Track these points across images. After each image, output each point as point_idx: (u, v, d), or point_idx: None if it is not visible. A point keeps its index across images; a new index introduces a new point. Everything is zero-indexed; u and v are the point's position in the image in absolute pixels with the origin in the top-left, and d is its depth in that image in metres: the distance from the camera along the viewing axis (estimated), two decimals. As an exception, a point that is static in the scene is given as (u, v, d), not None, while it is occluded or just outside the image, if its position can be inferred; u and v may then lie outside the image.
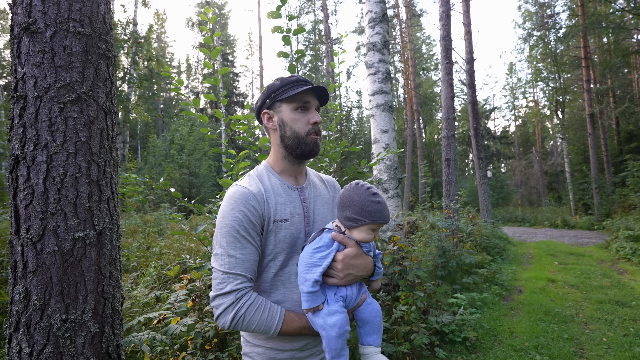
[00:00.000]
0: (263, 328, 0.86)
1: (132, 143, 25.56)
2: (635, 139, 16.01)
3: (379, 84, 3.68)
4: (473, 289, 4.73)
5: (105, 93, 1.50)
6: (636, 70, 19.27)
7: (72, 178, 1.35)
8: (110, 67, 1.55)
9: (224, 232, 0.87)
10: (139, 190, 2.65)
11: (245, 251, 0.87)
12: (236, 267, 0.86)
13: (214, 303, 0.86)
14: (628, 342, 3.16)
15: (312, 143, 0.98)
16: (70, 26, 1.38)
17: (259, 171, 1.02)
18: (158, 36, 32.52)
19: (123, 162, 11.26)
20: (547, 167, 24.89)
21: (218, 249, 0.88)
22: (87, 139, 1.40)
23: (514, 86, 28.30)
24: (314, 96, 1.00)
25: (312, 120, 0.98)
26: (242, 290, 0.86)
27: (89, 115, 1.41)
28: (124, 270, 3.72)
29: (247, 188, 0.92)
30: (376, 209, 0.87)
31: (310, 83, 1.00)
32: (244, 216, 0.88)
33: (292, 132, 0.97)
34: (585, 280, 5.38)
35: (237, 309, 0.84)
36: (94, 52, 1.45)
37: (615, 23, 14.45)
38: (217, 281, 0.87)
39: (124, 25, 11.27)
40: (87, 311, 1.34)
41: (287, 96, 0.96)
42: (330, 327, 0.83)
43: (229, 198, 0.91)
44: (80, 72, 1.39)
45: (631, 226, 8.23)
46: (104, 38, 1.50)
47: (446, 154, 7.66)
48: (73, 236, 1.33)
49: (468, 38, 10.65)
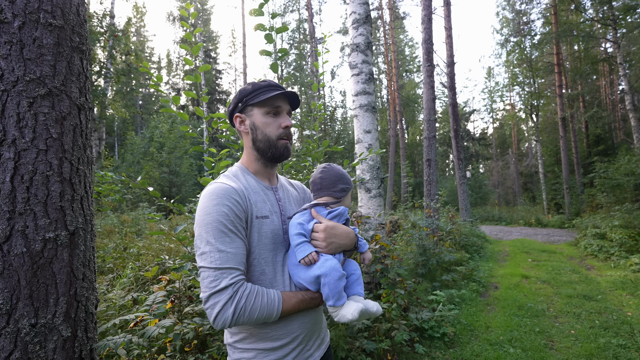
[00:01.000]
0: (265, 313, 0.86)
1: (108, 140, 24.62)
2: (602, 142, 16.97)
3: (362, 85, 3.72)
4: (452, 286, 4.88)
5: (79, 88, 1.44)
6: (604, 77, 20.41)
7: (43, 176, 1.29)
8: (85, 61, 1.49)
9: (210, 228, 0.85)
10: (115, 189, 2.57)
11: (235, 245, 0.86)
12: (229, 262, 0.84)
13: (210, 303, 0.82)
14: (594, 333, 3.35)
15: (283, 147, 1.02)
16: (40, 17, 1.31)
17: (233, 172, 1.03)
18: (137, 30, 31.47)
19: (99, 160, 10.83)
20: (522, 168, 25.94)
21: (205, 246, 0.85)
22: (59, 136, 1.34)
23: (492, 90, 29.29)
24: (286, 101, 1.03)
25: (283, 124, 1.01)
26: (237, 283, 0.84)
27: (61, 111, 1.36)
28: (99, 272, 3.58)
29: (228, 184, 0.92)
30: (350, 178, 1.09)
31: (281, 88, 1.02)
32: (229, 210, 0.87)
33: (263, 135, 1.00)
34: (556, 276, 5.65)
35: (236, 302, 0.82)
36: (67, 45, 1.39)
37: (585, 32, 15.26)
38: (209, 279, 0.83)
39: (100, 17, 10.83)
40: (58, 315, 1.29)
41: (258, 100, 0.99)
42: (330, 271, 0.90)
43: (211, 194, 0.89)
44: (51, 65, 1.33)
45: (598, 224, 8.71)
46: (78, 31, 1.45)
47: (427, 154, 7.84)
48: (43, 237, 1.27)
49: (449, 42, 10.94)
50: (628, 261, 6.00)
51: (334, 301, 0.90)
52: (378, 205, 3.63)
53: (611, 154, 15.18)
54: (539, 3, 18.15)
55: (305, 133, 2.58)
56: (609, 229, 7.80)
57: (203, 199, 0.90)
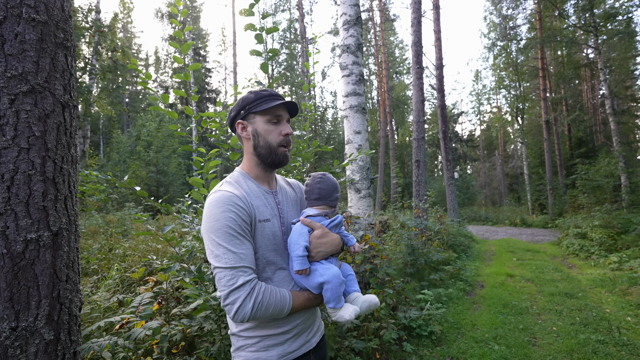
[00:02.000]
0: (279, 308, 0.94)
1: (93, 138, 24.00)
2: (584, 144, 17.52)
3: (352, 86, 3.74)
4: (440, 285, 4.95)
5: (63, 85, 1.41)
6: (585, 82, 21.08)
7: (25, 175, 1.25)
8: (69, 58, 1.45)
9: (220, 233, 0.91)
10: (100, 188, 2.51)
11: (245, 247, 0.94)
12: (242, 261, 0.91)
13: (230, 299, 0.89)
14: (574, 330, 3.46)
15: (282, 154, 1.08)
16: (23, 12, 1.28)
17: (235, 177, 1.09)
18: (124, 26, 30.79)
19: (83, 159, 10.54)
20: (508, 169, 26.54)
21: (217, 249, 0.91)
22: (42, 134, 1.31)
23: (479, 92, 29.90)
24: (286, 110, 1.10)
25: (284, 132, 1.07)
26: (253, 280, 0.92)
27: (44, 109, 1.32)
28: (83, 274, 3.49)
29: (231, 192, 0.97)
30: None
31: (282, 98, 1.09)
32: (236, 216, 0.94)
33: (265, 142, 1.07)
34: (540, 274, 5.81)
35: (254, 297, 0.90)
36: (51, 41, 1.35)
37: (568, 38, 15.72)
38: (226, 278, 0.89)
39: (86, 12, 10.54)
40: (40, 317, 1.26)
41: (261, 109, 1.05)
42: (332, 278, 1.00)
43: (217, 202, 0.95)
44: (34, 62, 1.29)
45: (579, 224, 8.99)
46: (62, 26, 1.41)
47: (416, 155, 7.94)
48: (25, 238, 1.24)
49: (438, 45, 11.10)
50: (607, 260, 6.22)
51: (335, 304, 1.00)
52: (368, 205, 3.65)
53: (592, 156, 15.70)
54: (525, 9, 18.63)
55: (296, 133, 2.58)
56: (590, 228, 8.06)
57: (209, 207, 0.96)
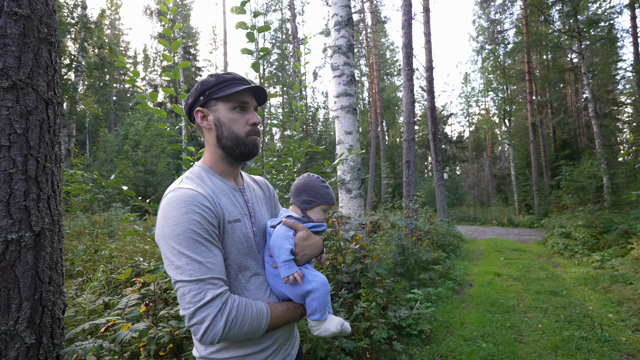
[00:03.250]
0: (255, 324, 0.82)
1: (79, 137, 23.43)
2: (568, 146, 18.01)
3: (343, 87, 3.75)
4: (429, 284, 5.01)
5: (47, 81, 1.37)
6: (570, 86, 21.68)
7: (5, 174, 1.21)
8: (53, 54, 1.41)
9: (182, 239, 0.77)
10: (86, 188, 2.45)
11: (213, 254, 0.80)
12: (210, 272, 0.78)
13: (197, 318, 0.75)
14: (559, 327, 3.55)
15: (252, 144, 0.96)
16: (4, 5, 1.24)
17: (196, 173, 0.94)
18: (111, 22, 30.17)
19: (68, 158, 10.27)
20: (496, 170, 27.07)
21: (179, 259, 0.77)
22: (24, 131, 1.27)
23: (468, 94, 30.39)
24: (252, 96, 0.97)
25: (251, 120, 0.95)
26: (224, 293, 0.79)
27: (27, 105, 1.28)
28: (67, 276, 3.40)
29: (194, 190, 0.84)
30: (326, 192, 1.05)
31: (248, 82, 0.96)
32: (201, 218, 0.80)
33: (230, 132, 0.93)
34: (526, 273, 5.94)
35: (227, 314, 0.77)
36: (34, 35, 1.31)
37: (553, 42, 16.15)
38: (192, 294, 0.75)
39: (71, 7, 10.29)
40: (21, 321, 1.22)
41: (224, 94, 0.91)
42: (320, 284, 0.94)
43: (178, 202, 0.80)
44: (16, 57, 1.25)
45: (564, 224, 9.24)
46: (46, 21, 1.37)
47: (407, 156, 8.02)
48: (5, 238, 1.20)
49: (428, 47, 11.24)
50: (590, 258, 6.40)
51: (320, 315, 0.93)
52: (359, 205, 3.67)
53: (576, 158, 16.16)
54: (512, 14, 19.06)
55: (287, 133, 2.58)
56: (574, 228, 8.29)
57: (167, 207, 0.81)
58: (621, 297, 4.27)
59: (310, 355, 2.35)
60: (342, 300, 3.01)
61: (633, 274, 4.91)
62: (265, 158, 2.51)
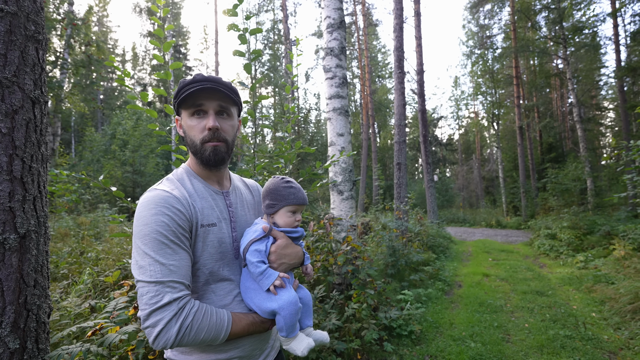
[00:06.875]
0: (213, 334, 0.79)
1: (64, 136, 22.86)
2: (554, 149, 18.48)
3: (335, 89, 3.77)
4: (419, 285, 5.06)
5: (34, 80, 1.34)
6: (556, 91, 22.26)
7: (-11, 174, 1.18)
8: (40, 52, 1.39)
9: (148, 239, 0.77)
10: (71, 189, 2.40)
11: (178, 257, 0.79)
12: (171, 275, 0.76)
13: (150, 321, 0.74)
14: (544, 326, 3.63)
15: (210, 151, 0.89)
16: (-11, 1, 1.21)
17: (178, 175, 0.94)
18: (99, 19, 29.61)
19: (53, 158, 10.01)
20: (484, 173, 27.56)
21: (142, 259, 0.76)
22: (9, 131, 1.24)
23: (458, 98, 30.87)
24: (214, 96, 0.88)
25: (207, 125, 0.88)
26: (183, 298, 0.77)
27: (12, 104, 1.25)
28: (52, 279, 3.31)
29: (168, 192, 0.83)
30: (288, 192, 0.96)
31: (210, 81, 0.87)
32: (170, 220, 0.79)
33: (190, 140, 0.91)
34: (513, 274, 6.06)
35: (182, 320, 0.75)
36: (20, 33, 1.29)
37: (540, 48, 16.57)
38: (149, 295, 0.74)
39: (58, 3, 10.06)
40: (5, 325, 1.18)
41: (180, 101, 0.88)
42: (286, 304, 0.86)
43: (149, 203, 0.80)
44: (2, 54, 1.22)
45: (549, 225, 9.46)
46: (33, 18, 1.35)
47: (397, 158, 8.10)
48: (-12, 241, 1.16)
49: (419, 50, 11.39)
50: (574, 259, 6.58)
51: (287, 333, 0.88)
52: (350, 207, 3.69)
53: (561, 161, 16.58)
54: (500, 19, 19.48)
55: (278, 134, 2.57)
56: (559, 229, 8.50)
57: (140, 207, 0.81)
58: (603, 296, 4.40)
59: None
60: (333, 302, 3.01)
61: (615, 274, 5.06)
62: (256, 159, 2.51)
